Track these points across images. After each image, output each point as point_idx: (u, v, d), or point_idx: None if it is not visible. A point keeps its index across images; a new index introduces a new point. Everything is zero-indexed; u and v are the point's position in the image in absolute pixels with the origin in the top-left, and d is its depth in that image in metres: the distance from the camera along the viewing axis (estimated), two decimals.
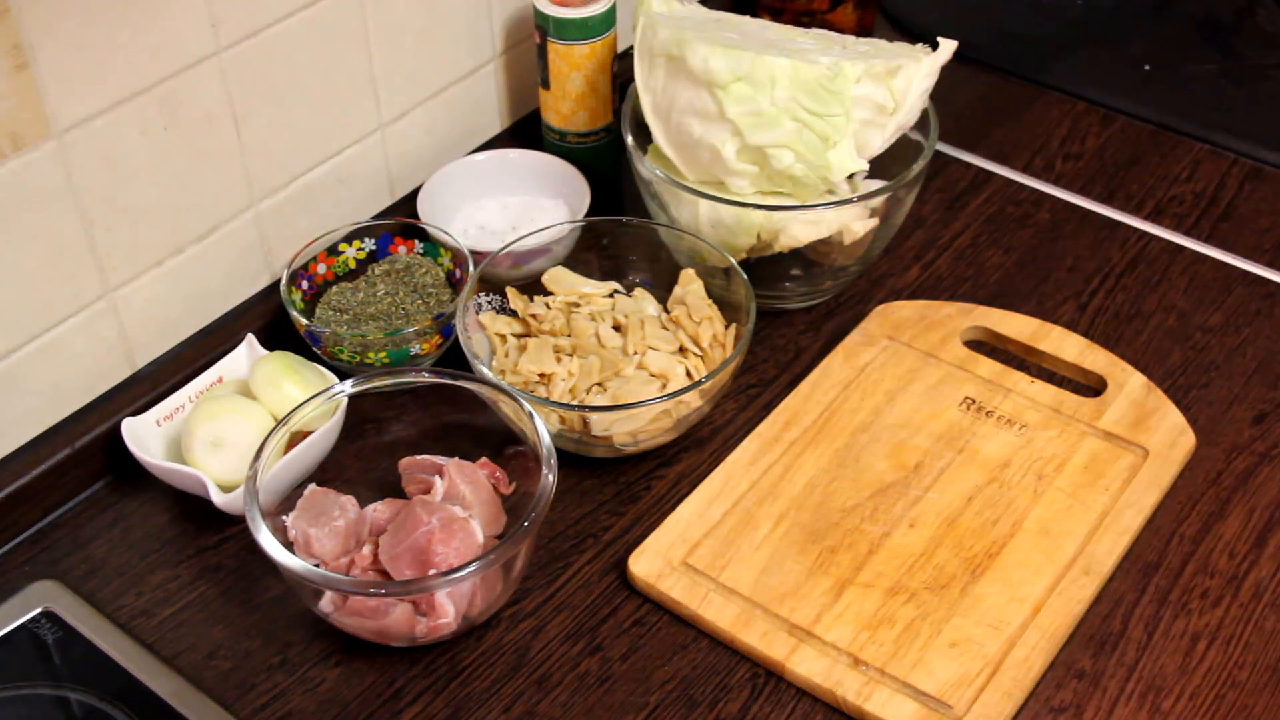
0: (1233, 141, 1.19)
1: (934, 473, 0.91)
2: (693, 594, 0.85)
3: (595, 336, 0.96)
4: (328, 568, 0.83)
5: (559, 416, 0.89)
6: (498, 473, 0.88)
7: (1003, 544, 0.87)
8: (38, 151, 0.84)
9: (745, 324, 0.93)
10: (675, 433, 0.93)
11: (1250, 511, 0.90)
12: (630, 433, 0.90)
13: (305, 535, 0.83)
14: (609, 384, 0.93)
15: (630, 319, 0.97)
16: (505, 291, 0.99)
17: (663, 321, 0.98)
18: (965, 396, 0.96)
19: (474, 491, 0.85)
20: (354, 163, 1.06)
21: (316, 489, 0.86)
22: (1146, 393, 0.95)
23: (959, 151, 1.20)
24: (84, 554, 0.89)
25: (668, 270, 1.00)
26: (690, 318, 0.97)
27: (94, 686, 0.81)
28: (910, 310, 1.03)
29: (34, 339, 0.89)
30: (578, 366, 0.93)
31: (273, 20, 0.94)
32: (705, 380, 0.89)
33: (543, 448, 0.83)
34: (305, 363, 0.93)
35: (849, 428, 0.94)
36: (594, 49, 1.06)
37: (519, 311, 0.98)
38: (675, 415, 0.91)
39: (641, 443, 0.92)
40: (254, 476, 0.81)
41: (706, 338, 0.96)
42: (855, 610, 0.83)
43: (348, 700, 0.81)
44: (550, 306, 0.99)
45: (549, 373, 0.93)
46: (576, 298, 0.99)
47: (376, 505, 0.86)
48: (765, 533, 0.88)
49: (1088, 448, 0.92)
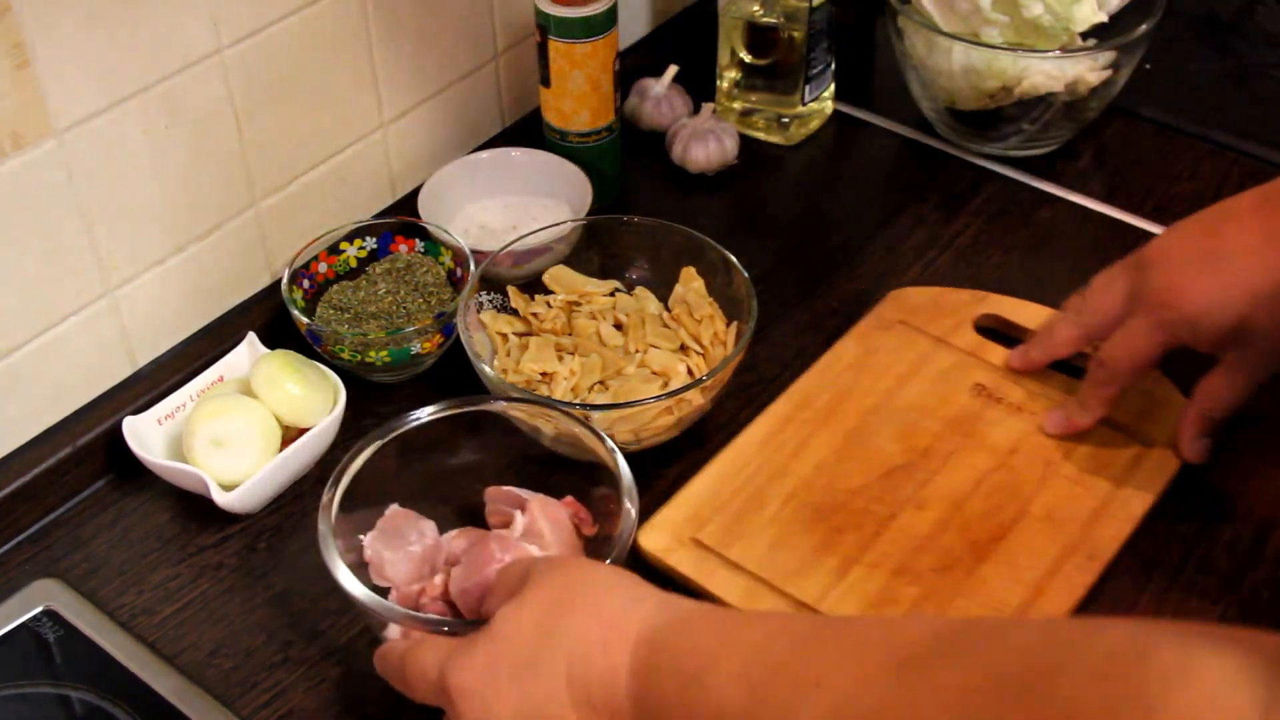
0: (1233, 141, 1.19)
1: (942, 456, 0.92)
2: (701, 569, 0.85)
3: (597, 335, 0.96)
4: (399, 593, 0.81)
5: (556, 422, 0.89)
6: (582, 513, 0.85)
7: (1008, 528, 0.87)
8: (39, 150, 0.84)
9: (746, 322, 0.93)
10: (676, 430, 0.93)
11: (1250, 510, 0.90)
12: (632, 431, 0.90)
13: (380, 558, 0.82)
14: (611, 382, 0.93)
15: (631, 318, 0.97)
16: (506, 290, 0.99)
17: (664, 320, 0.98)
18: (976, 382, 0.97)
19: (554, 530, 0.82)
20: (355, 161, 1.06)
21: (398, 510, 0.84)
22: (1156, 382, 0.96)
23: (959, 151, 1.20)
24: (85, 552, 0.89)
25: (669, 268, 1.00)
26: (691, 316, 0.97)
27: (95, 685, 0.81)
28: (923, 296, 1.03)
29: (35, 338, 0.89)
30: (579, 365, 0.93)
31: (274, 19, 0.94)
32: (707, 378, 0.89)
33: (623, 484, 0.80)
34: (306, 361, 0.93)
35: (859, 410, 0.95)
36: (595, 47, 1.06)
37: (520, 310, 0.98)
38: (677, 414, 0.91)
39: (644, 441, 0.92)
40: (329, 504, 0.79)
41: (708, 336, 0.96)
42: (860, 589, 0.84)
43: (349, 699, 0.81)
44: (551, 305, 0.99)
45: (551, 371, 0.93)
46: (578, 296, 0.99)
47: (454, 533, 0.84)
48: (774, 511, 0.88)
49: (1095, 436, 0.92)
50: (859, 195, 1.17)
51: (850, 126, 1.24)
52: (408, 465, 0.85)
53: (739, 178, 1.18)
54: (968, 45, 1.11)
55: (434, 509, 0.86)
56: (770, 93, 1.20)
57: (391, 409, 0.97)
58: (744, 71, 1.20)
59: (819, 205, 1.16)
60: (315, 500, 0.81)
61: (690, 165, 1.17)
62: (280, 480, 0.90)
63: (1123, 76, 1.13)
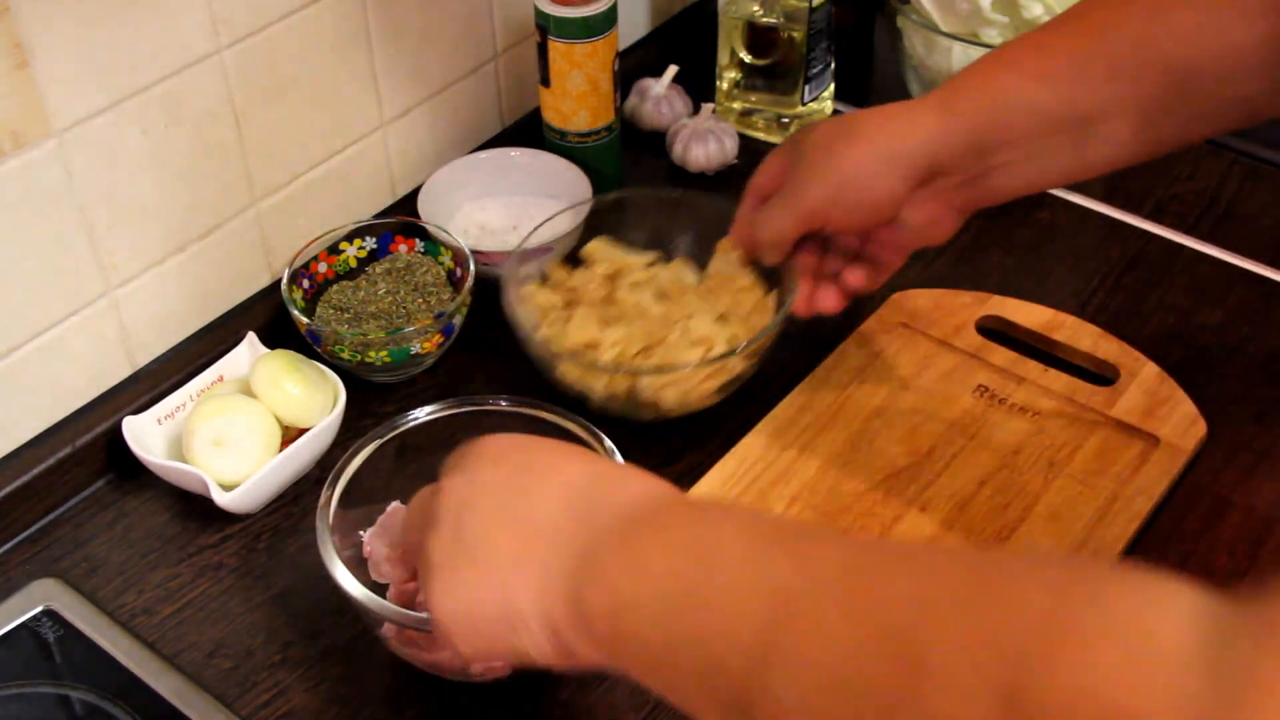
0: (1233, 141, 1.19)
1: (946, 458, 0.92)
2: None
3: (638, 305, 0.97)
4: (395, 590, 0.81)
5: (606, 382, 0.91)
6: None
7: (1013, 528, 0.87)
8: (38, 150, 0.84)
9: (786, 290, 0.93)
10: (719, 397, 0.94)
11: (1250, 510, 0.90)
12: (679, 396, 0.92)
13: (378, 554, 0.82)
14: (654, 350, 0.94)
15: (672, 287, 0.99)
16: None
17: (702, 290, 1.00)
18: (979, 384, 0.97)
19: None
20: (355, 161, 1.06)
21: (399, 507, 0.84)
22: (1159, 382, 0.96)
23: None
24: (85, 552, 0.89)
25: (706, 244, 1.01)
26: (730, 285, 0.98)
27: (95, 685, 0.81)
28: (925, 298, 1.03)
29: (35, 337, 0.89)
30: (623, 334, 0.95)
31: (274, 19, 0.94)
32: (752, 343, 0.91)
33: None
34: (306, 361, 0.93)
35: (863, 413, 0.95)
36: (595, 48, 1.06)
37: (562, 283, 0.99)
38: (720, 379, 0.92)
39: (690, 405, 0.93)
40: (327, 504, 0.79)
41: (748, 304, 0.97)
42: None
43: (349, 699, 0.81)
44: (592, 278, 1.00)
45: (596, 340, 0.94)
46: (617, 269, 1.01)
47: None
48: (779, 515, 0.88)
49: (1100, 436, 0.93)
50: None
51: None
52: (407, 465, 0.85)
53: (739, 178, 1.18)
54: (967, 45, 1.11)
55: None
56: (770, 93, 1.20)
57: (391, 409, 0.97)
58: (744, 71, 1.20)
59: None
60: (315, 500, 0.81)
61: (690, 165, 1.17)
62: (280, 480, 0.90)
63: None
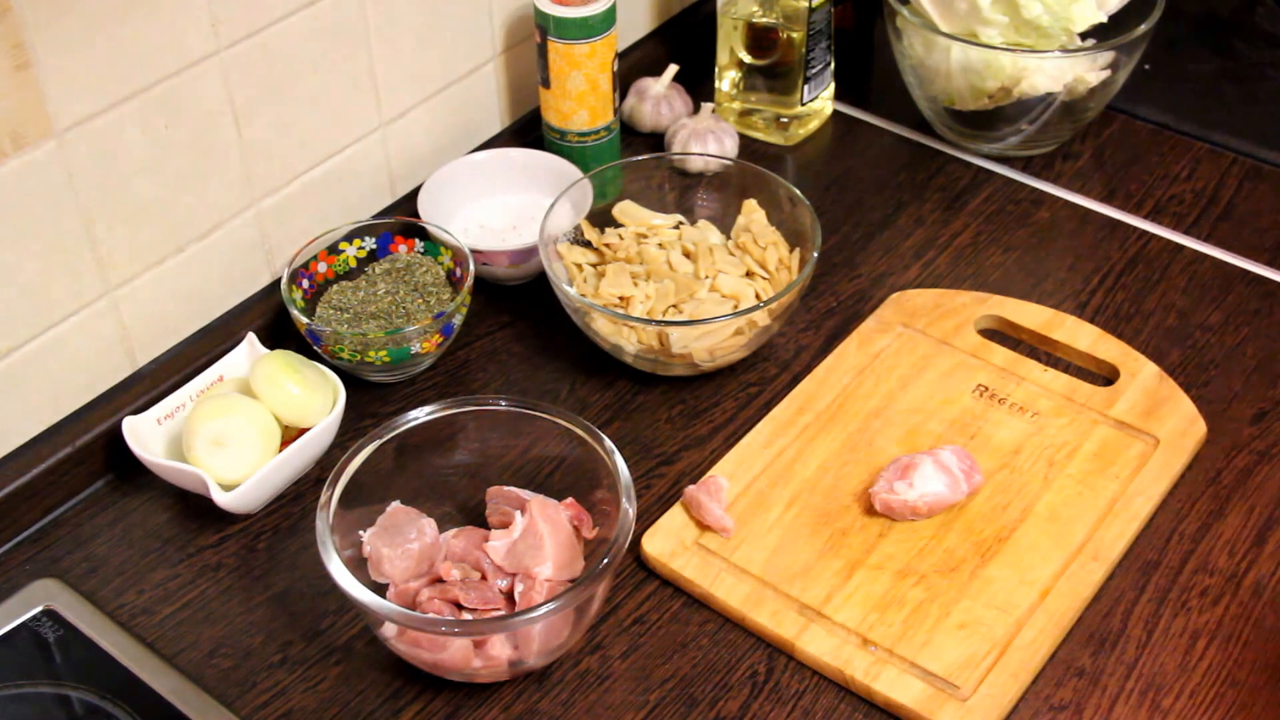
0: (1232, 141, 1.19)
1: None
2: (704, 573, 0.85)
3: (667, 263, 1.01)
4: (396, 589, 0.82)
5: (638, 336, 0.94)
6: (581, 515, 0.85)
7: (1012, 528, 0.87)
8: (39, 150, 0.84)
9: (810, 248, 0.97)
10: (747, 350, 0.98)
11: (1250, 510, 0.90)
12: (708, 349, 0.95)
13: (379, 554, 0.82)
14: (684, 305, 0.98)
15: (699, 246, 1.02)
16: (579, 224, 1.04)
17: (729, 248, 1.03)
18: (978, 384, 0.97)
19: (553, 532, 0.82)
20: (354, 161, 1.06)
21: (399, 507, 0.85)
22: (1158, 382, 0.96)
23: (958, 151, 1.20)
24: (85, 552, 0.89)
25: (730, 204, 1.06)
26: (756, 243, 1.01)
27: (95, 685, 0.81)
28: (925, 298, 1.03)
29: (35, 337, 0.89)
30: (654, 290, 0.98)
31: (274, 19, 0.94)
32: (776, 298, 0.94)
33: (621, 484, 0.81)
34: (306, 361, 0.93)
35: (862, 412, 0.95)
36: (594, 48, 1.06)
37: (593, 241, 1.03)
38: (748, 333, 0.95)
39: (718, 359, 0.96)
40: (327, 504, 0.80)
41: (773, 261, 1.01)
42: (865, 591, 0.84)
43: (348, 699, 0.81)
44: (623, 237, 1.04)
45: (628, 295, 0.98)
46: (645, 229, 1.04)
47: (453, 532, 0.85)
48: (777, 514, 0.89)
49: (1099, 435, 0.93)
50: (858, 195, 1.17)
51: (849, 126, 1.24)
52: (407, 465, 0.85)
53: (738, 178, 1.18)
54: (966, 45, 1.11)
55: (433, 508, 0.86)
56: (769, 93, 1.20)
57: (391, 409, 0.97)
58: (743, 71, 1.20)
59: (818, 205, 1.16)
60: (315, 500, 0.81)
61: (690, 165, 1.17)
62: (280, 480, 0.90)
63: (1121, 76, 1.13)
